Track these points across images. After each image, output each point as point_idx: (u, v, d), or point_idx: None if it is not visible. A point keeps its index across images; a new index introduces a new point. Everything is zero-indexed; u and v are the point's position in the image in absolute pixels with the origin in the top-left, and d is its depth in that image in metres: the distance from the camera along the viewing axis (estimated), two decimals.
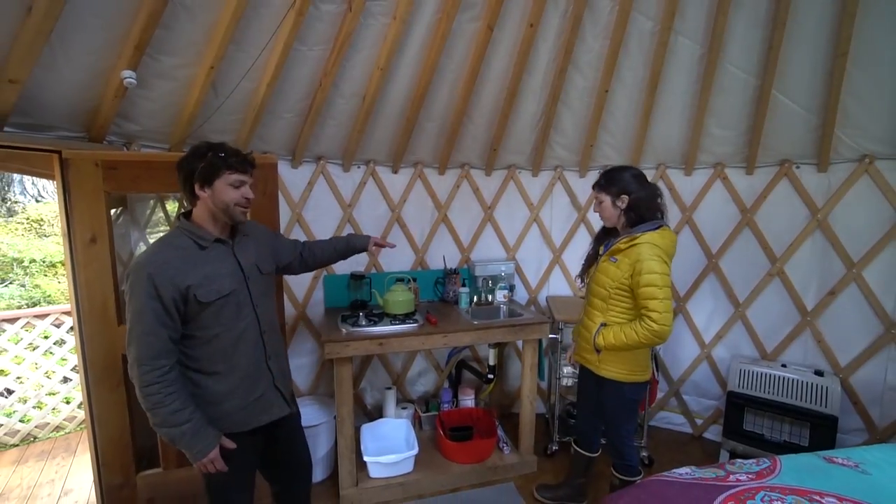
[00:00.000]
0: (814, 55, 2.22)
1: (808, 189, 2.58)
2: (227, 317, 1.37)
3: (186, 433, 1.29)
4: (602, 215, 1.90)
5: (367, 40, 2.21)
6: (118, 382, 2.06)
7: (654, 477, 1.56)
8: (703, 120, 2.61)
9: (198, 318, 1.33)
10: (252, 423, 1.46)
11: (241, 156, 1.38)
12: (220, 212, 1.38)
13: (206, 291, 1.32)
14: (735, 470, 1.55)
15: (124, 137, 2.16)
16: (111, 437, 2.08)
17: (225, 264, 1.40)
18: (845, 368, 2.54)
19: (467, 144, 2.95)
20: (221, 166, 1.33)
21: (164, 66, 1.95)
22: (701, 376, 3.00)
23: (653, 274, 1.66)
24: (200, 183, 1.34)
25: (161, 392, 1.25)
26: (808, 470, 1.53)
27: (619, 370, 1.85)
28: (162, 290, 1.25)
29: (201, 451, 1.32)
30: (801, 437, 2.50)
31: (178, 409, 1.27)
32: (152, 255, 1.30)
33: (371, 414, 3.11)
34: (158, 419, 1.28)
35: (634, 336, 1.70)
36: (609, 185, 1.82)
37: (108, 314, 2.00)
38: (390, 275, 2.87)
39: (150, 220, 2.72)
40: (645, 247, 1.70)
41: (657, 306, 1.65)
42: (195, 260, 1.34)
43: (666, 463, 2.73)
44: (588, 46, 2.47)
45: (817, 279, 2.60)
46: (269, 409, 1.51)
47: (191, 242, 1.36)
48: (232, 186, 1.36)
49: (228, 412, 1.41)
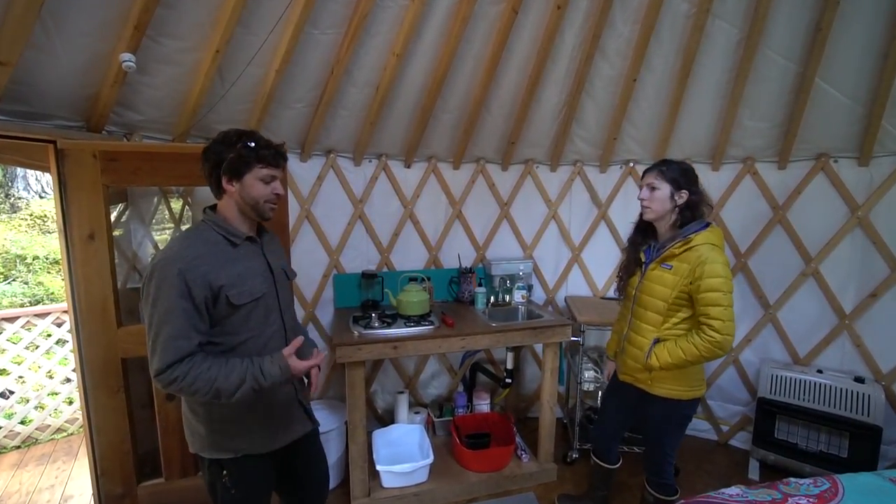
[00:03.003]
0: (867, 37, 2.05)
1: (847, 184, 2.43)
2: (256, 322, 1.26)
3: (257, 376, 1.17)
4: (650, 205, 1.68)
5: (383, 24, 2.08)
6: (118, 387, 1.96)
7: (702, 498, 1.42)
8: (736, 111, 2.45)
9: (225, 323, 1.21)
10: (274, 445, 1.35)
11: (273, 148, 1.26)
12: (248, 208, 1.26)
13: (239, 293, 1.20)
14: (792, 492, 1.41)
15: (125, 127, 2.03)
16: (111, 445, 1.97)
17: (256, 264, 1.30)
18: (888, 375, 2.39)
19: (484, 137, 2.81)
20: (252, 159, 1.21)
21: (167, 50, 1.82)
22: (727, 381, 2.86)
23: (717, 278, 1.51)
24: (229, 176, 1.22)
25: (202, 377, 1.12)
26: (874, 493, 1.38)
27: (677, 387, 1.68)
28: (194, 289, 1.13)
29: (283, 368, 1.20)
30: (840, 447, 2.36)
31: (222, 374, 1.14)
32: (182, 249, 1.17)
33: (382, 418, 2.99)
34: (220, 397, 1.15)
35: (694, 350, 1.54)
36: (672, 175, 1.63)
37: (107, 315, 1.90)
38: (403, 274, 2.74)
39: (154, 216, 2.61)
40: (705, 248, 1.55)
41: (720, 314, 1.50)
42: (227, 257, 1.22)
43: (692, 471, 2.61)
44: (617, 31, 2.31)
45: (856, 280, 2.45)
46: (293, 426, 1.41)
47: (221, 238, 1.24)
48: (262, 181, 1.24)
49: (253, 428, 1.30)
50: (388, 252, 2.91)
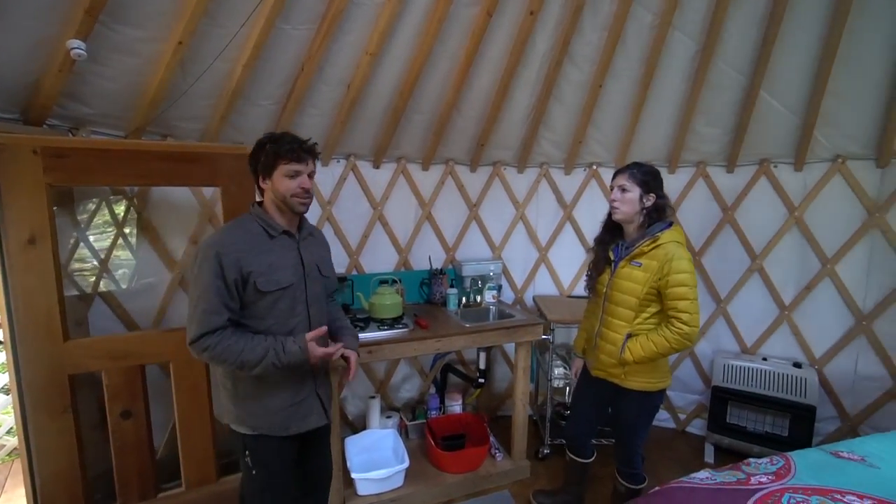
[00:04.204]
0: (804, 55, 2.26)
1: (786, 187, 2.67)
2: (282, 310, 1.38)
3: (279, 351, 1.31)
4: (619, 206, 1.74)
5: (357, 21, 2.03)
6: (64, 407, 1.77)
7: (674, 484, 1.51)
8: (692, 118, 2.63)
9: (253, 307, 1.35)
10: (291, 429, 1.45)
11: (295, 143, 1.35)
12: (281, 203, 1.38)
13: (267, 280, 1.33)
14: (753, 471, 1.53)
15: (70, 121, 1.85)
16: (56, 473, 1.77)
17: (288, 256, 1.41)
18: (820, 359, 2.65)
19: (454, 139, 2.82)
20: (277, 156, 1.33)
21: (124, 39, 1.67)
22: (684, 372, 3.05)
23: (684, 274, 1.60)
24: (262, 175, 1.37)
25: (230, 348, 1.27)
26: (821, 467, 1.53)
27: (649, 380, 1.77)
28: (227, 270, 1.27)
29: (302, 349, 1.33)
30: (782, 427, 2.58)
31: (249, 347, 1.29)
32: (224, 235, 1.34)
33: (353, 425, 2.92)
34: (244, 368, 1.30)
35: (665, 343, 1.63)
36: (643, 178, 1.70)
37: (52, 327, 1.71)
38: (374, 276, 2.69)
39: (93, 218, 2.36)
40: (672, 245, 1.64)
41: (688, 307, 1.59)
42: (262, 247, 1.36)
43: (656, 459, 2.74)
44: (586, 39, 2.40)
45: (795, 274, 2.70)
46: (308, 417, 1.50)
47: (261, 229, 1.38)
48: (287, 177, 1.34)
49: (272, 410, 1.41)
50: (357, 254, 2.85)
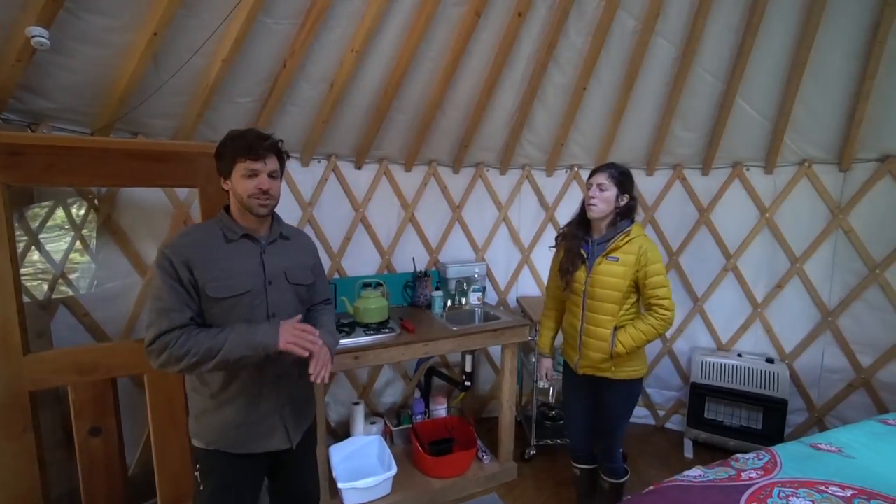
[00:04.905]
0: (777, 63, 2.36)
1: (758, 189, 2.78)
2: (237, 319, 1.25)
3: (242, 336, 1.19)
4: (596, 203, 1.75)
5: (342, 17, 1.96)
6: (24, 427, 1.63)
7: (668, 483, 1.53)
8: (670, 121, 2.70)
9: (208, 314, 1.26)
10: (248, 448, 1.33)
11: (249, 139, 1.22)
12: (240, 204, 1.28)
13: (218, 287, 1.23)
14: (742, 467, 1.57)
15: (28, 116, 1.70)
16: (15, 498, 1.63)
17: (248, 262, 1.30)
18: (790, 354, 2.77)
19: (437, 140, 2.79)
20: (235, 154, 1.22)
21: (91, 28, 1.55)
22: (663, 369, 3.13)
23: (657, 263, 1.70)
24: (224, 176, 1.28)
25: (192, 340, 1.16)
26: (803, 459, 1.58)
27: (634, 367, 1.81)
28: (180, 272, 1.19)
29: (269, 334, 1.20)
30: (756, 421, 2.69)
31: (213, 334, 1.18)
32: (177, 238, 1.26)
33: (336, 432, 2.83)
34: (211, 357, 1.16)
35: (652, 330, 1.70)
36: (622, 180, 1.75)
37: (9, 340, 1.57)
38: (358, 279, 2.62)
39: (47, 221, 2.17)
40: (643, 239, 1.73)
41: (666, 293, 1.70)
42: (218, 252, 1.26)
43: (636, 455, 2.80)
44: (571, 42, 2.42)
45: (766, 273, 2.81)
46: (270, 438, 1.35)
47: (220, 234, 1.29)
48: (245, 176, 1.23)
49: (227, 423, 1.30)
50: (339, 257, 2.77)
